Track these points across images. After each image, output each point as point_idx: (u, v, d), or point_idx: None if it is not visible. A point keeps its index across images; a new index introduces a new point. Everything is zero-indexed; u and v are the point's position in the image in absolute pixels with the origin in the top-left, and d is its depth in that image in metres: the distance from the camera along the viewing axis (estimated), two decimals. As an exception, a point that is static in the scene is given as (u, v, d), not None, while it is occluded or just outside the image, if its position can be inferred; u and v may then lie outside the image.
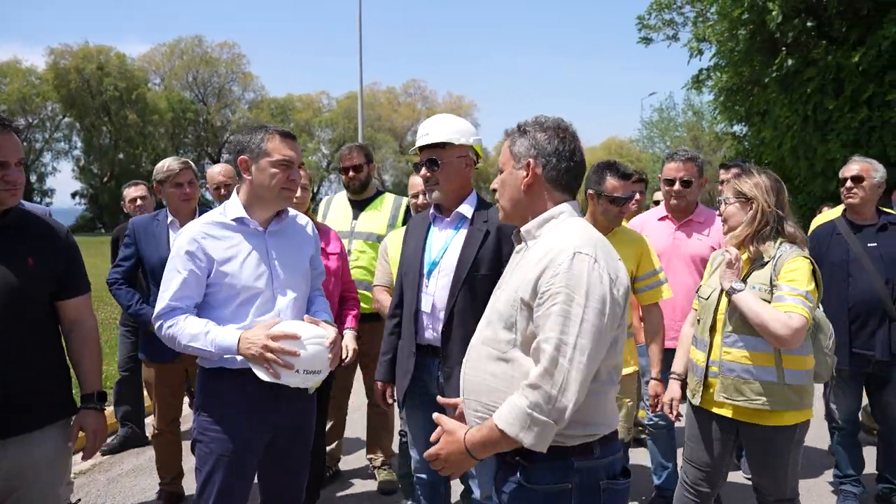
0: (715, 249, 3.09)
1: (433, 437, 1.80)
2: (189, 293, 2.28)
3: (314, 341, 2.22)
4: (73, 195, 43.05)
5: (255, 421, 2.31)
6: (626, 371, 3.06)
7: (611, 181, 2.95)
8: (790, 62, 12.19)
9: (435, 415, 1.82)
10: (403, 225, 3.76)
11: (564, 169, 1.74)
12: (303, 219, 2.59)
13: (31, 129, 39.60)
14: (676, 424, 3.20)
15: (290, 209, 2.49)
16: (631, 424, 3.16)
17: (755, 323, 2.43)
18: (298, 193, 2.69)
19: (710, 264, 2.84)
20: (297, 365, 2.17)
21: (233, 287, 2.28)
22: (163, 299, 2.29)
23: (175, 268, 2.28)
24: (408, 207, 3.81)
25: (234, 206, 2.35)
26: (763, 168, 2.65)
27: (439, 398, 2.00)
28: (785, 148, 13.07)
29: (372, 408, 3.92)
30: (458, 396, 1.93)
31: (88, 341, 2.26)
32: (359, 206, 3.93)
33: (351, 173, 3.88)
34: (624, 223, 4.20)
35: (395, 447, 3.86)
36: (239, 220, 2.34)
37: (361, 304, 3.62)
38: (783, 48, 12.36)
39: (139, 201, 4.61)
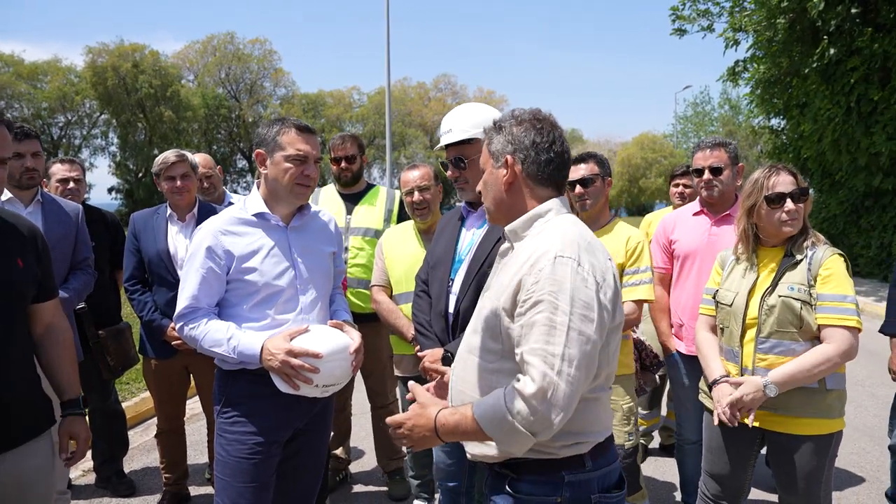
0: None
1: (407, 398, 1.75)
2: (209, 292, 2.20)
3: (336, 357, 2.15)
4: (110, 190, 43.94)
5: (275, 423, 2.24)
6: (622, 372, 2.83)
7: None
8: (832, 51, 11.60)
9: (410, 383, 1.73)
10: (399, 220, 3.57)
11: (545, 162, 1.62)
12: (325, 215, 2.48)
13: (70, 126, 40.58)
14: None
15: (312, 205, 2.39)
16: (632, 429, 2.87)
17: (817, 374, 2.25)
18: None
19: (718, 265, 2.63)
20: (317, 381, 2.12)
21: (254, 284, 2.19)
22: (183, 299, 2.21)
23: (194, 266, 2.20)
24: (401, 202, 3.62)
25: (254, 201, 2.27)
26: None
27: (409, 384, 1.80)
28: (826, 141, 12.51)
29: (376, 410, 3.75)
30: None
31: (66, 346, 2.14)
32: (351, 199, 3.70)
33: (343, 164, 3.65)
34: (657, 216, 3.99)
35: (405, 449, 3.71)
36: (259, 215, 2.26)
37: (360, 304, 3.45)
38: (825, 37, 11.78)
39: (71, 183, 3.61)
